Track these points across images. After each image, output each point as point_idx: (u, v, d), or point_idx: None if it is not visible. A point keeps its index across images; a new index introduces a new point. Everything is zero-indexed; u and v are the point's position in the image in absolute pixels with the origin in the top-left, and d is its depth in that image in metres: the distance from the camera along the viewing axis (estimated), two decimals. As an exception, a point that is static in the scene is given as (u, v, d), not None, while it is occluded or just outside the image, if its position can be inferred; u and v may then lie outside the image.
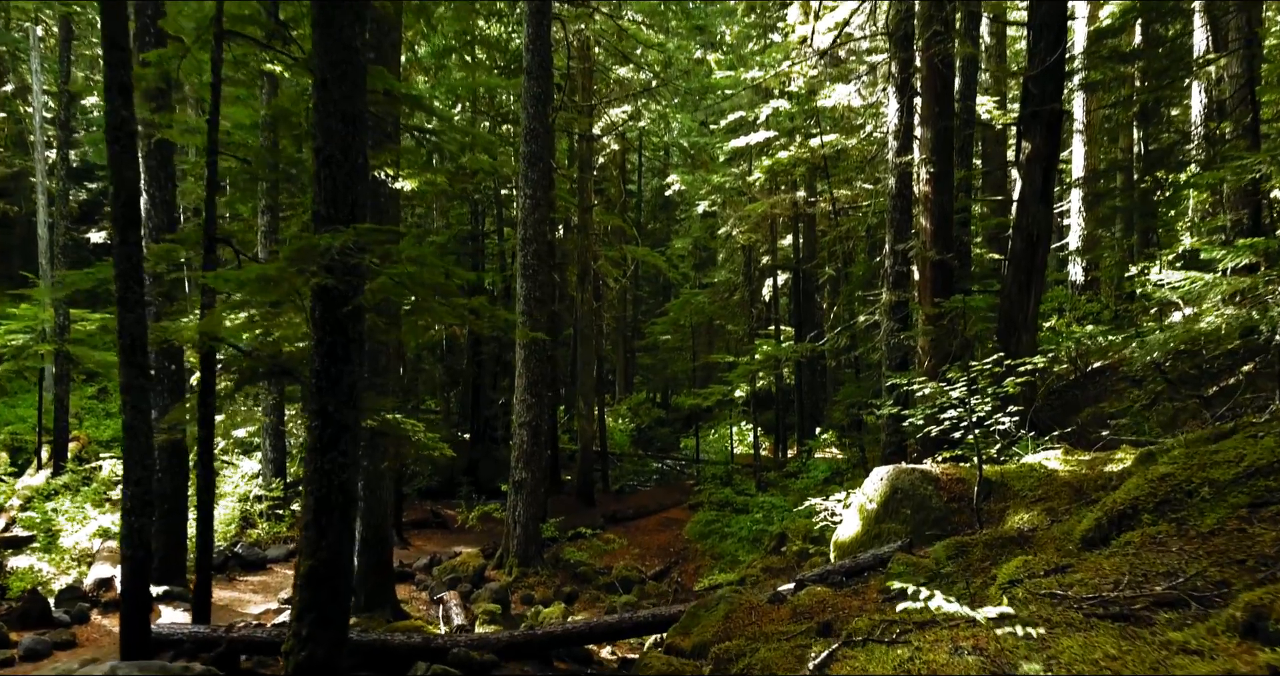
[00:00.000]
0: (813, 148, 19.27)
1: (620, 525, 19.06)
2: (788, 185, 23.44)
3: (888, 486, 7.79)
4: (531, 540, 13.78)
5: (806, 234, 25.70)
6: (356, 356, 6.11)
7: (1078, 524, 5.53)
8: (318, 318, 6.00)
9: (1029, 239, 11.46)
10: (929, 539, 7.28)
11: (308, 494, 5.96)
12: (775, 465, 23.48)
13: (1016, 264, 11.61)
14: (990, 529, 6.70)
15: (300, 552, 5.95)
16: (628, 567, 14.84)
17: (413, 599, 12.34)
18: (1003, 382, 7.57)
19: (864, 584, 6.69)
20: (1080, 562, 4.26)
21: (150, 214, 11.44)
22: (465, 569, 13.32)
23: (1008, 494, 7.36)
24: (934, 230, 11.81)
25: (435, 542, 16.36)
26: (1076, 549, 4.84)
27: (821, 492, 15.91)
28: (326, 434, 5.97)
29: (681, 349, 29.95)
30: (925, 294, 11.87)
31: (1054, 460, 7.79)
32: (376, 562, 10.73)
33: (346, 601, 6.02)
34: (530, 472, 13.76)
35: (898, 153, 12.21)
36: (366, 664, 7.62)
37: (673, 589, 14.41)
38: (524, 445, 13.79)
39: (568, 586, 13.67)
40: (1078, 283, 23.77)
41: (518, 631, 7.62)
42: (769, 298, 29.16)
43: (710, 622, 6.58)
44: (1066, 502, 6.67)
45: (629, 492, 24.91)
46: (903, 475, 7.78)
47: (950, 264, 11.90)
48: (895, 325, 11.89)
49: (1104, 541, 4.69)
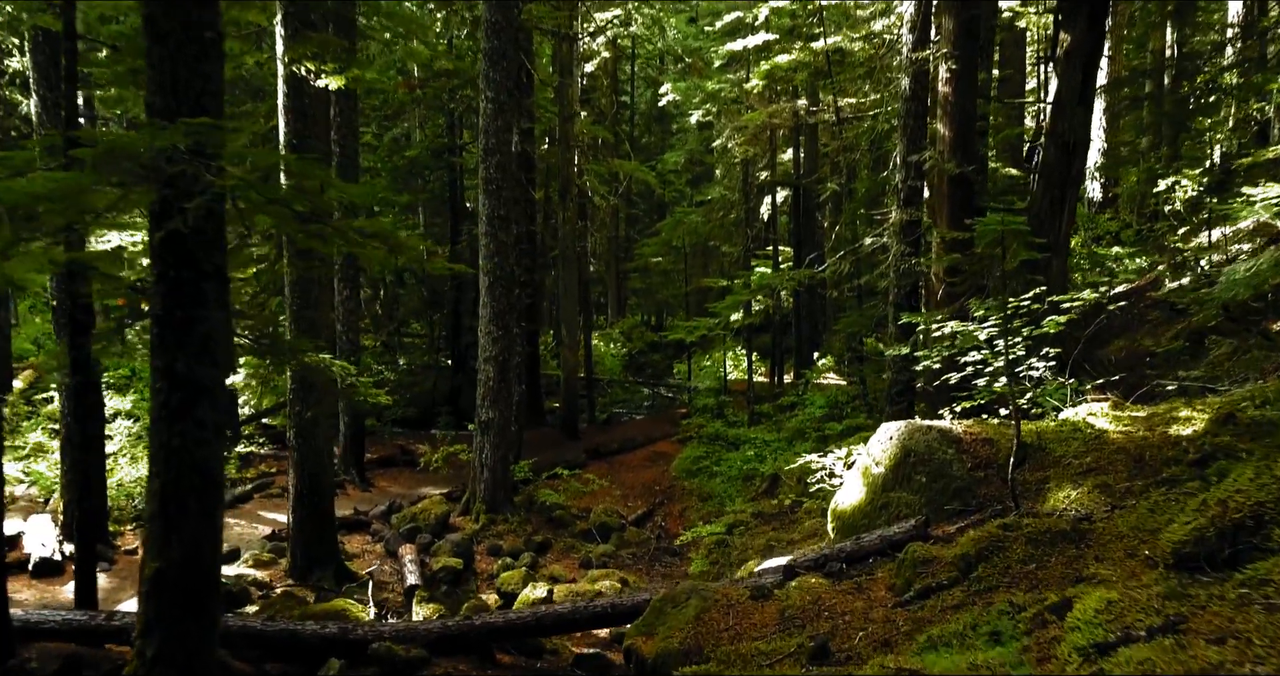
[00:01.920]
0: (815, 50, 17.40)
1: (604, 460, 17.90)
2: (788, 93, 21.57)
3: (898, 447, 6.45)
4: (500, 485, 12.57)
5: (808, 147, 23.86)
6: (216, 296, 4.67)
7: (1160, 522, 4.18)
8: (157, 246, 4.54)
9: (1064, 147, 9.90)
10: (949, 515, 5.97)
11: (153, 476, 4.61)
12: (771, 393, 22.24)
13: (1048, 176, 10.07)
14: (1029, 508, 5.37)
15: (144, 550, 4.63)
16: (607, 511, 13.70)
17: (365, 552, 11.18)
18: (1041, 322, 6.17)
19: (869, 576, 5.40)
20: (1196, 611, 2.91)
21: (43, 118, 9.82)
22: (427, 517, 12.13)
23: (1046, 460, 6.02)
24: (954, 138, 10.20)
25: (402, 483, 15.20)
26: (1171, 571, 3.49)
27: (818, 430, 14.69)
28: (176, 398, 4.58)
29: (673, 272, 28.38)
30: (941, 212, 10.35)
31: (1100, 416, 6.43)
32: (315, 516, 9.50)
33: (213, 611, 4.73)
34: (498, 411, 12.46)
35: (914, 47, 10.49)
36: (273, 655, 6.41)
37: (655, 535, 13.30)
38: (490, 382, 12.45)
39: (540, 534, 12.52)
40: (1095, 200, 22.11)
41: (452, 621, 6.38)
42: (767, 217, 27.46)
43: (678, 623, 5.31)
44: (1125, 475, 5.33)
45: (617, 422, 23.75)
46: (917, 434, 6.42)
47: (971, 178, 10.34)
48: (906, 249, 10.40)
49: (1213, 563, 3.34)
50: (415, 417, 22.26)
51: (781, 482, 13.41)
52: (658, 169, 26.39)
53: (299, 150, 8.93)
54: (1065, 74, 9.84)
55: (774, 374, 25.15)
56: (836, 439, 13.97)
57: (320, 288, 9.35)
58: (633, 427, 22.14)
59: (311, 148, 9.05)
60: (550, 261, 25.61)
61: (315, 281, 9.25)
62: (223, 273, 4.75)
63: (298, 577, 9.43)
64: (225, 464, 13.34)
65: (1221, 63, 18.15)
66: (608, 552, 12.05)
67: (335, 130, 13.98)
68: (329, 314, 9.58)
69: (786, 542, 10.79)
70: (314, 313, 9.28)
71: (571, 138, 19.04)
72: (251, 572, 9.44)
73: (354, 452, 14.67)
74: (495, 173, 12.10)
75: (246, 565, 9.68)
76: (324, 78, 8.41)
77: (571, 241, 19.62)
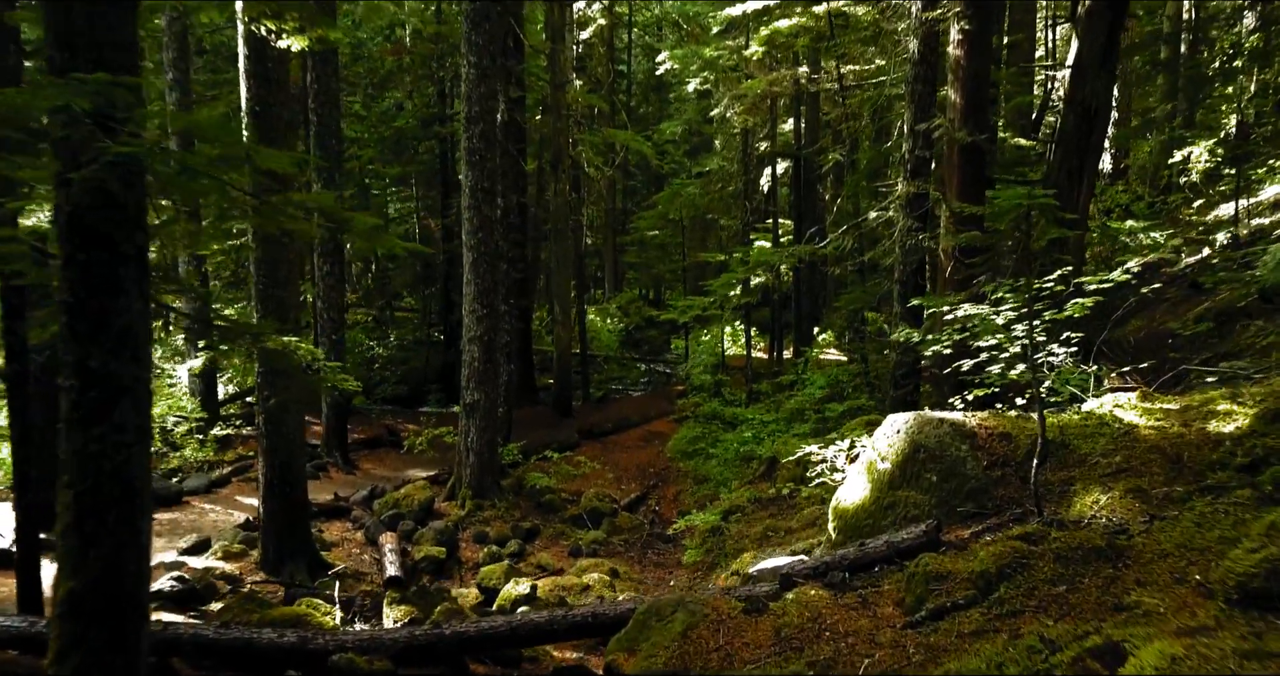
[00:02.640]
0: (816, 14, 16.65)
1: (598, 440, 17.40)
2: (789, 60, 20.79)
3: (906, 442, 5.90)
4: (486, 469, 12.06)
5: (809, 116, 23.13)
6: (136, 283, 4.10)
7: (1210, 539, 3.64)
8: (64, 224, 3.96)
9: (1084, 114, 9.26)
10: (962, 518, 5.44)
11: (64, 486, 4.06)
12: (770, 370, 21.72)
13: (1065, 145, 9.45)
14: (1053, 515, 4.83)
15: (58, 568, 4.10)
16: (599, 495, 13.20)
17: (345, 540, 10.70)
18: (1064, 305, 5.61)
19: (875, 588, 4.88)
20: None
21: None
22: (410, 503, 11.63)
23: (1070, 458, 5.48)
24: (965, 104, 9.55)
25: (388, 465, 14.70)
26: (1235, 608, 2.96)
27: (818, 412, 14.15)
28: (90, 398, 4.02)
29: (670, 246, 27.69)
30: (951, 184, 9.73)
31: (1128, 408, 5.88)
32: (287, 506, 9.00)
33: (138, 636, 4.20)
34: (484, 393, 11.93)
35: (924, 6, 9.82)
36: (228, 665, 5.92)
37: (648, 520, 12.82)
38: (475, 362, 11.90)
39: (528, 520, 12.04)
40: (1105, 171, 21.40)
41: (420, 630, 5.87)
42: (767, 189, 26.75)
43: (664, 640, 4.80)
44: (1161, 479, 4.79)
45: (613, 399, 23.24)
46: (927, 428, 5.87)
47: (984, 147, 9.72)
48: (913, 223, 9.80)
49: None
50: (406, 395, 21.76)
51: (780, 466, 12.91)
52: (654, 139, 25.64)
53: (261, 118, 8.32)
54: (1087, 35, 9.18)
55: (773, 349, 24.62)
56: (837, 421, 13.45)
57: (290, 265, 8.76)
58: (628, 405, 21.63)
59: (275, 116, 8.43)
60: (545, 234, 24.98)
61: (284, 259, 8.66)
62: (143, 255, 4.17)
63: (269, 570, 8.95)
64: (202, 447, 12.85)
65: (1243, 30, 17.38)
66: (598, 540, 11.58)
67: (312, 98, 13.33)
68: (298, 293, 9.00)
69: (784, 531, 10.31)
70: (283, 291, 8.70)
71: (564, 106, 18.33)
72: (220, 565, 8.95)
73: (337, 434, 14.17)
74: (479, 142, 11.47)
75: (215, 557, 9.19)
76: (285, 38, 7.75)
77: (565, 214, 18.98)
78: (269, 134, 8.41)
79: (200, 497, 11.73)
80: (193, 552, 9.39)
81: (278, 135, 8.52)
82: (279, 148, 8.56)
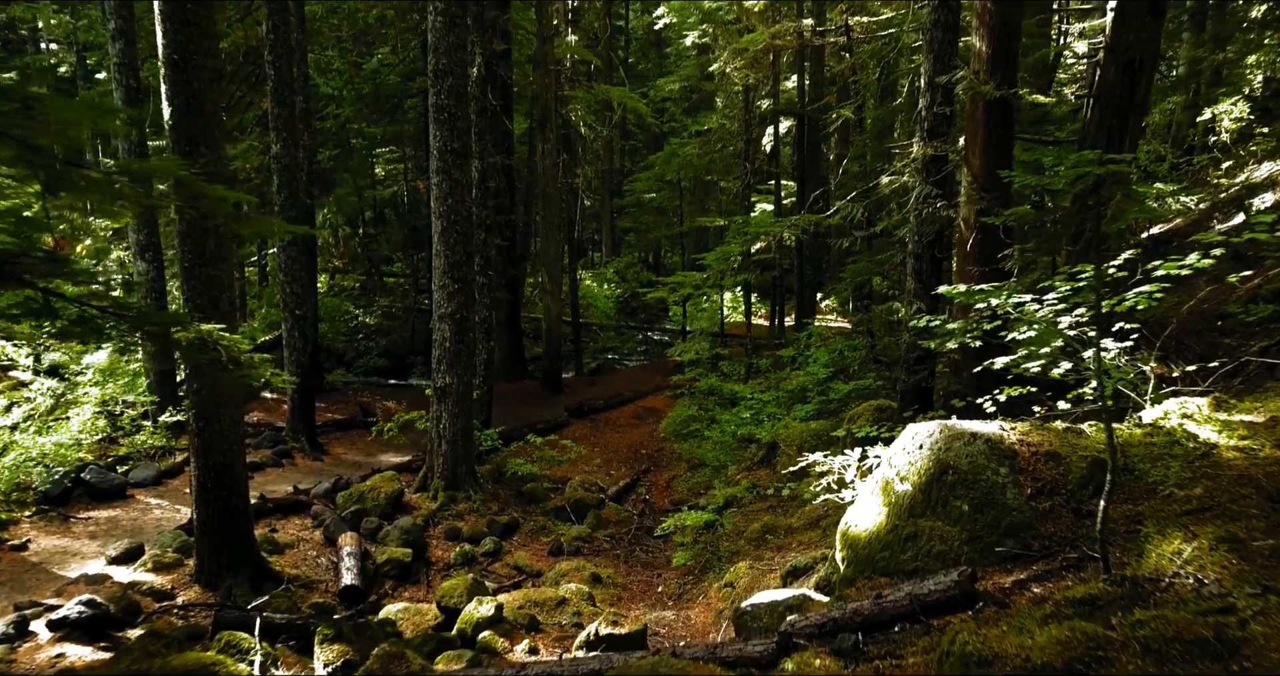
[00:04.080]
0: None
1: (588, 418, 16.44)
2: (792, 13, 19.46)
3: (931, 460, 4.87)
4: (460, 458, 11.08)
5: (813, 72, 21.82)
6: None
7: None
8: None
9: (1128, 66, 8.10)
10: (1001, 558, 4.43)
11: None
12: (770, 340, 20.69)
13: (1106, 102, 8.29)
14: (1122, 568, 3.81)
15: None
16: (585, 483, 12.26)
17: (301, 541, 9.73)
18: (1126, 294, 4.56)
19: (896, 661, 3.87)
20: None
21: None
22: (376, 496, 10.66)
23: (1136, 488, 4.45)
24: (993, 54, 8.37)
25: (360, 449, 13.72)
26: None
27: (822, 392, 13.12)
28: None
29: (667, 210, 26.46)
30: (975, 145, 8.59)
31: (1201, 420, 4.84)
32: (225, 513, 8.00)
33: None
34: (456, 376, 10.90)
35: (946, -60, 8.61)
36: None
37: (638, 512, 11.88)
38: (447, 342, 10.85)
39: (507, 513, 11.10)
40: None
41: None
42: (769, 149, 25.50)
43: (630, 723, 3.82)
44: (1261, 524, 3.76)
45: (607, 371, 22.25)
46: (956, 444, 4.84)
47: (1014, 102, 8.56)
48: (930, 189, 8.68)
49: None
50: (389, 367, 20.74)
51: (780, 451, 11.94)
52: (650, 96, 24.29)
53: (180, 69, 7.17)
54: (1134, -27, 7.99)
55: (774, 316, 23.58)
56: (842, 402, 12.45)
57: (220, 237, 7.65)
58: (623, 379, 20.65)
59: (198, 66, 7.28)
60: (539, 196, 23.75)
61: (213, 230, 7.57)
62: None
63: (206, 583, 7.99)
64: (154, 434, 11.87)
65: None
66: (582, 536, 10.64)
67: (268, 50, 12.13)
68: (232, 268, 7.93)
69: (784, 530, 9.36)
70: (212, 269, 7.62)
71: (551, 60, 17.05)
72: (150, 578, 7.98)
73: (303, 415, 13.15)
74: (447, 98, 10.30)
75: (145, 569, 8.21)
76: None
77: (553, 176, 17.80)
78: (191, 86, 7.28)
79: (146, 491, 10.75)
80: (123, 561, 8.42)
81: (203, 87, 7.38)
82: (204, 102, 7.44)
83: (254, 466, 12.20)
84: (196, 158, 7.34)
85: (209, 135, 7.49)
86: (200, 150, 7.41)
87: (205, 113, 7.46)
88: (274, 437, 13.17)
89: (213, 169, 7.41)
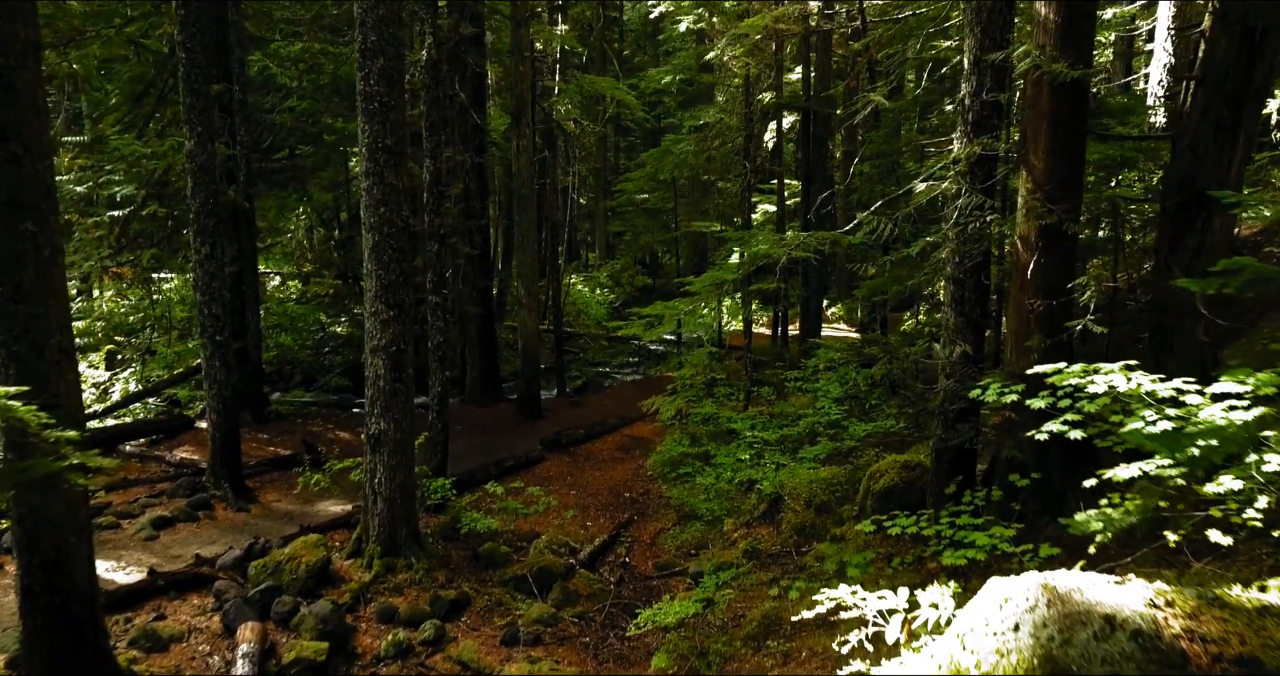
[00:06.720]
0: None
1: (565, 451, 14.54)
2: (798, -6, 17.51)
3: (1035, 655, 2.98)
4: (401, 520, 9.18)
5: (820, 62, 19.83)
6: None
7: None
8: None
9: (1245, 37, 6.19)
10: None
11: None
12: (773, 358, 18.78)
13: (1214, 86, 6.38)
14: None
15: None
16: (553, 542, 10.38)
17: (193, 632, 7.83)
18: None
19: None
20: None
21: None
22: (296, 566, 8.74)
23: None
24: (1062, 22, 6.46)
25: (295, 496, 11.77)
26: None
27: (834, 436, 11.22)
28: None
29: (662, 212, 24.51)
30: (1039, 142, 6.67)
31: None
32: (62, 621, 6.12)
33: None
34: (393, 421, 9.00)
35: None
36: None
37: (615, 578, 10.00)
38: (380, 380, 8.96)
39: (455, 586, 9.18)
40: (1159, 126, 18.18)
41: None
42: (772, 145, 23.57)
43: None
44: None
45: (595, 389, 20.35)
46: (1079, 633, 2.94)
47: (1086, 87, 6.65)
48: (981, 200, 6.76)
49: None
50: (353, 388, 18.78)
51: (785, 506, 10.06)
52: (640, 88, 22.34)
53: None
54: (1253, -84, 6.09)
55: (777, 325, 21.70)
56: (857, 448, 10.57)
57: (44, 264, 5.76)
58: (609, 400, 18.71)
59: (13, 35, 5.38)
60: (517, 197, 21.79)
61: (33, 256, 5.67)
62: None
63: (32, 718, 6.11)
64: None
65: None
66: (544, 617, 8.73)
67: (178, 28, 10.24)
68: (65, 301, 6.04)
69: (790, 628, 7.43)
70: (32, 308, 5.73)
71: (526, 46, 15.13)
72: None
73: (225, 459, 11.18)
74: (377, 84, 8.39)
75: (-40, 692, 6.34)
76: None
77: (529, 177, 15.87)
78: None
79: None
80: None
81: (11, 62, 5.49)
82: (15, 81, 5.55)
83: (162, 522, 10.34)
84: (3, 155, 5.46)
85: (22, 126, 5.59)
86: (9, 147, 5.51)
87: (17, 95, 5.57)
88: (192, 484, 11.25)
89: (24, 171, 5.52)
